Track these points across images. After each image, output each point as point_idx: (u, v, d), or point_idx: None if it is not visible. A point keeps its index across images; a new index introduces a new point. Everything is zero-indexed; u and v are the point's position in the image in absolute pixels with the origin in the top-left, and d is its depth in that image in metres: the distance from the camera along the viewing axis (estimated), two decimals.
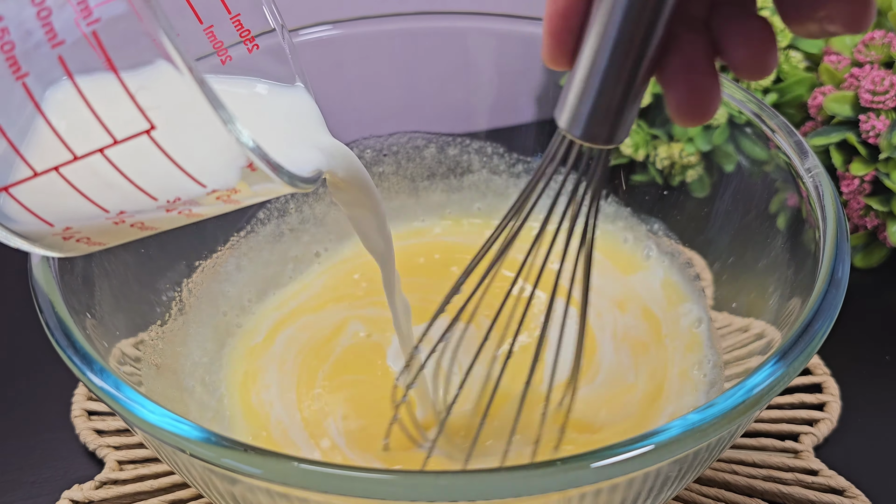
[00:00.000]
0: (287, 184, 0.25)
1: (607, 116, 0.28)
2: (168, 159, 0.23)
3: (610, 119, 0.28)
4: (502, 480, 0.26)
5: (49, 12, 0.21)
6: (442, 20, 0.49)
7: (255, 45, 0.33)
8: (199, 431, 0.27)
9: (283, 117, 0.33)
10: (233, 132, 0.22)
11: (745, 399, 0.28)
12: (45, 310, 0.32)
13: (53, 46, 0.21)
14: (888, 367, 0.48)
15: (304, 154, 0.31)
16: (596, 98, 0.28)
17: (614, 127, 0.29)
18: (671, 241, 0.48)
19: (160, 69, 0.21)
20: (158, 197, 0.25)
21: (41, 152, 0.23)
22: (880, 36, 0.50)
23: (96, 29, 0.21)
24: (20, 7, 0.21)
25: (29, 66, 0.22)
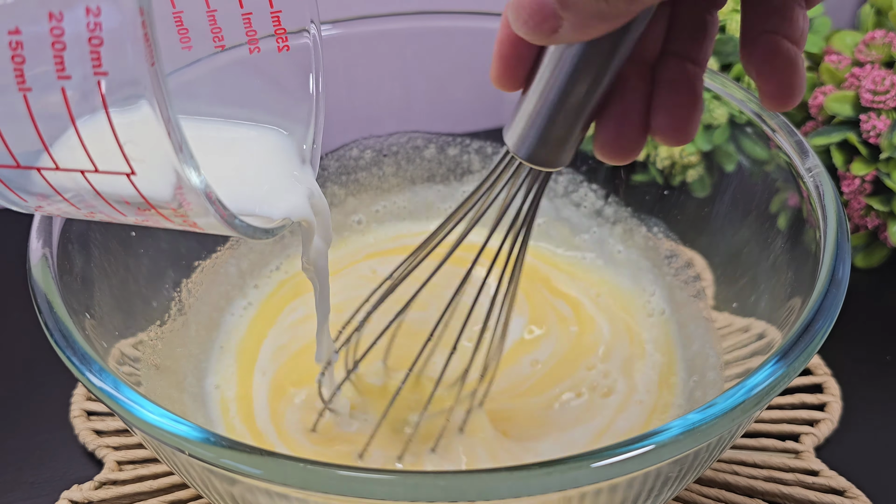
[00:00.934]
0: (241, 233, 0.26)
1: (553, 143, 0.30)
2: (139, 195, 0.24)
3: (555, 146, 0.30)
4: (502, 480, 0.26)
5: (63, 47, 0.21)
6: (442, 20, 0.49)
7: (285, 46, 0.33)
8: (198, 431, 0.27)
9: (272, 162, 0.33)
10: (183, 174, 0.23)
11: (746, 399, 0.28)
12: (44, 310, 0.32)
13: (59, 78, 0.22)
14: (889, 367, 0.48)
15: (279, 204, 0.32)
16: (544, 126, 0.29)
17: (558, 153, 0.30)
18: (671, 241, 0.48)
19: (143, 109, 0.21)
20: (127, 214, 0.25)
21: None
22: (881, 35, 0.50)
23: (100, 79, 0.21)
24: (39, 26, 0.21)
25: (34, 83, 0.22)
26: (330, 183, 0.52)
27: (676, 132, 0.28)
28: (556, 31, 0.24)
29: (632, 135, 0.29)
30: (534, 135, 0.30)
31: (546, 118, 0.29)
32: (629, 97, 0.28)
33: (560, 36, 0.24)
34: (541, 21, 0.24)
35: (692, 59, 0.28)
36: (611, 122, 0.29)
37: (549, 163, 0.30)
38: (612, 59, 0.27)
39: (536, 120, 0.29)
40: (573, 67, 0.27)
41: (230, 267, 0.48)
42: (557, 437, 0.40)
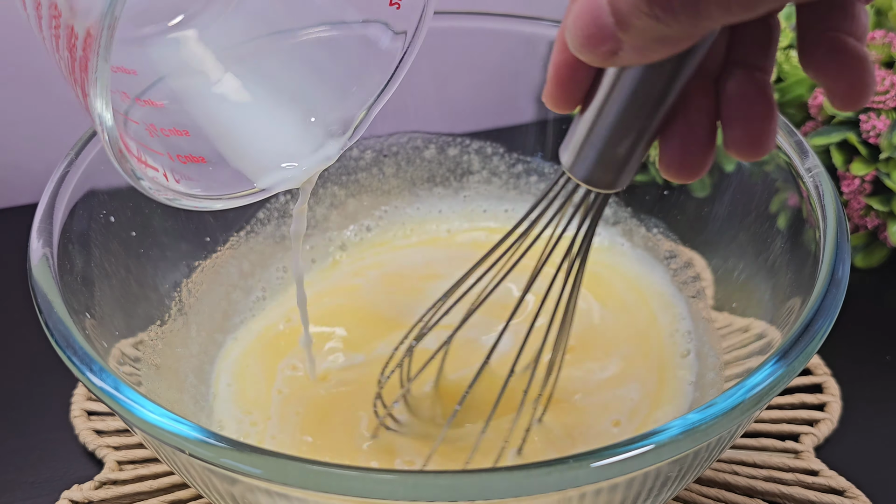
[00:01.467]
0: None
1: (611, 165, 0.29)
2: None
3: (614, 168, 0.29)
4: (502, 480, 0.26)
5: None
6: (442, 20, 0.49)
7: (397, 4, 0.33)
8: (198, 431, 0.27)
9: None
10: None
11: (745, 399, 0.28)
12: (45, 310, 0.32)
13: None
14: (888, 367, 0.48)
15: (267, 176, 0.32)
16: (602, 148, 0.28)
17: (617, 175, 0.29)
18: (671, 242, 0.48)
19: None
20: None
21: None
22: (880, 36, 0.50)
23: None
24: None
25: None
26: (330, 183, 0.52)
27: (754, 145, 0.27)
28: (615, 54, 0.23)
29: (698, 152, 0.27)
30: (592, 156, 0.28)
31: (605, 140, 0.28)
32: (693, 114, 0.27)
33: (619, 59, 0.23)
34: (600, 43, 0.23)
35: (759, 67, 0.27)
36: (675, 140, 0.27)
37: (608, 184, 0.29)
38: (676, 80, 0.26)
39: (595, 141, 0.28)
40: (633, 89, 0.26)
41: (230, 267, 0.48)
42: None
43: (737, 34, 0.27)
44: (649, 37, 0.22)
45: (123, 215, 0.41)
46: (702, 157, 0.27)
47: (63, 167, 0.37)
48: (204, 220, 0.47)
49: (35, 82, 0.58)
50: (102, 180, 0.39)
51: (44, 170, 0.40)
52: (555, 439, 0.39)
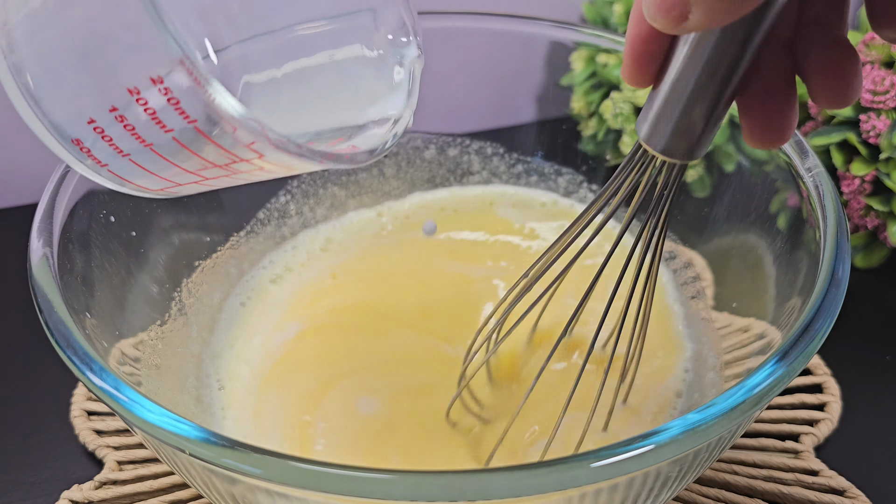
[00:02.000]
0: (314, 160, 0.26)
1: (687, 134, 0.29)
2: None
3: (690, 137, 0.29)
4: (502, 480, 0.26)
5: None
6: (442, 20, 0.49)
7: None
8: (199, 431, 0.27)
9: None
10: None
11: (745, 399, 0.28)
12: (45, 310, 0.32)
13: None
14: (888, 367, 0.48)
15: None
16: (678, 118, 0.29)
17: (694, 144, 0.29)
18: (671, 242, 0.48)
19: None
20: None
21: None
22: None
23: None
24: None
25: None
26: (330, 184, 0.52)
27: (841, 90, 0.27)
28: (686, 18, 0.24)
29: (779, 114, 0.28)
30: (668, 127, 0.29)
31: (681, 109, 0.28)
32: (770, 77, 0.28)
33: (691, 23, 0.24)
34: (671, 7, 0.24)
35: (835, 26, 0.27)
36: (755, 105, 0.28)
37: (686, 155, 0.30)
38: (748, 45, 0.26)
39: (670, 111, 0.29)
40: (706, 57, 0.27)
41: (230, 267, 0.48)
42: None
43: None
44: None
45: (123, 215, 0.41)
46: (783, 119, 0.28)
47: (63, 167, 0.37)
48: (204, 219, 0.47)
49: None
50: None
51: (44, 170, 0.40)
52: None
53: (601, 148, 0.52)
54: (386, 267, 0.49)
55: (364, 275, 0.49)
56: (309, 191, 0.51)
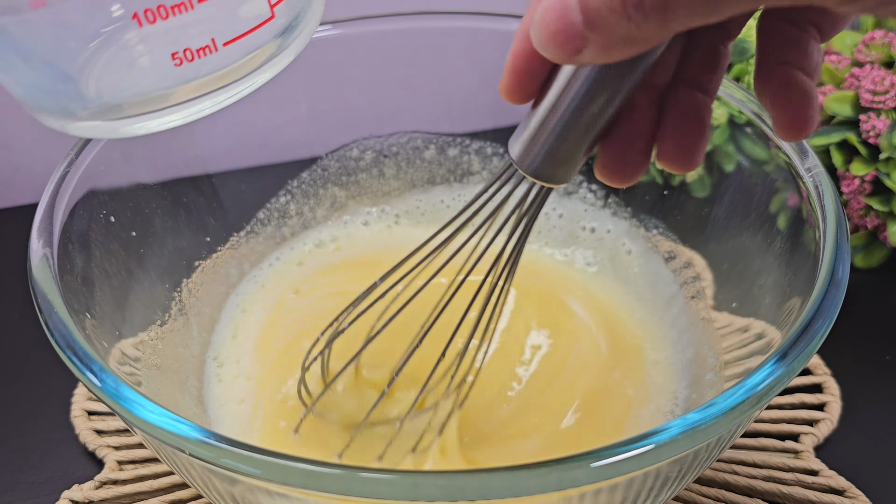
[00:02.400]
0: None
1: (559, 160, 0.30)
2: None
3: (560, 163, 0.30)
4: (502, 480, 0.26)
5: None
6: (442, 20, 0.49)
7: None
8: (198, 431, 0.27)
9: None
10: None
11: (745, 399, 0.28)
12: (45, 310, 0.32)
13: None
14: (888, 367, 0.48)
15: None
16: (551, 143, 0.29)
17: (563, 170, 0.30)
18: (671, 242, 0.48)
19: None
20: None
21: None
22: (881, 36, 0.50)
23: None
24: None
25: None
26: (330, 184, 0.52)
27: (682, 160, 0.28)
28: (579, 52, 0.24)
29: (635, 159, 0.29)
30: (539, 150, 0.29)
31: (555, 135, 0.29)
32: (636, 122, 0.29)
33: (583, 57, 0.24)
34: (565, 41, 0.24)
35: (702, 88, 0.29)
36: (615, 145, 0.29)
37: (553, 179, 0.30)
38: (628, 81, 0.27)
39: (544, 136, 0.29)
40: (588, 87, 0.27)
41: (231, 267, 0.48)
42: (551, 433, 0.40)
43: (688, 54, 0.29)
44: (617, 36, 0.23)
45: (123, 215, 0.41)
46: (637, 163, 0.29)
47: (63, 167, 0.37)
48: (204, 220, 0.47)
49: None
50: (102, 180, 0.39)
51: (44, 170, 0.40)
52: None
53: None
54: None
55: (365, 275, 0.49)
56: (309, 191, 0.51)
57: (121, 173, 0.41)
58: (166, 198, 0.44)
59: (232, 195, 0.48)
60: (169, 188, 0.45)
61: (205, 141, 0.46)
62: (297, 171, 0.51)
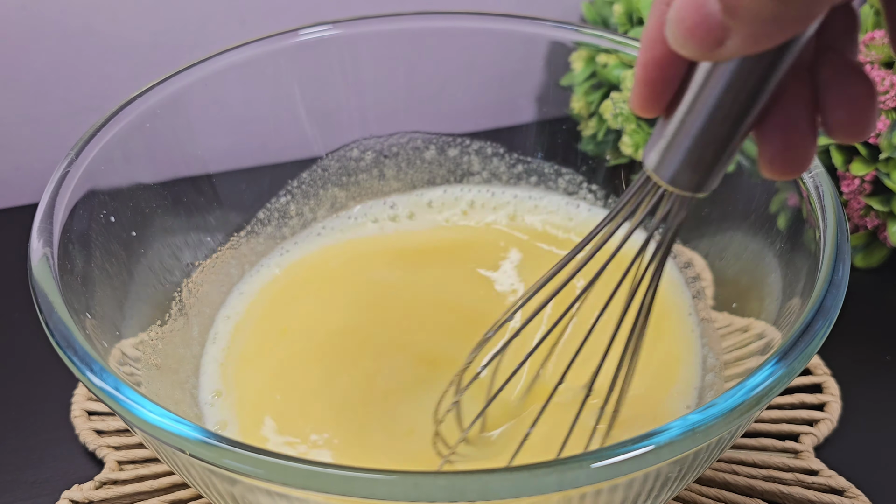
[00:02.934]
0: None
1: (700, 165, 0.27)
2: None
3: (702, 168, 0.27)
4: (502, 480, 0.26)
5: None
6: (442, 20, 0.49)
7: None
8: (198, 432, 0.27)
9: None
10: None
11: (746, 399, 0.28)
12: (45, 310, 0.32)
13: None
14: (888, 367, 0.48)
15: None
16: (691, 147, 0.27)
17: (706, 176, 0.27)
18: None
19: None
20: None
21: None
22: (880, 36, 0.50)
23: None
24: None
25: None
26: (331, 185, 0.52)
27: (858, 125, 0.26)
28: (722, 44, 0.22)
29: (801, 143, 0.26)
30: (679, 157, 0.27)
31: (695, 139, 0.26)
32: (792, 104, 0.26)
33: (726, 49, 0.22)
34: (705, 33, 0.22)
35: (848, 50, 0.26)
36: (776, 134, 0.26)
37: (696, 187, 0.27)
38: (775, 71, 0.24)
39: (683, 141, 0.26)
40: (729, 83, 0.24)
41: (231, 267, 0.48)
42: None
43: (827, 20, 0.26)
44: (762, 19, 0.21)
45: (123, 215, 0.41)
46: (806, 148, 0.26)
47: (63, 167, 0.37)
48: (204, 219, 0.47)
49: (35, 82, 0.58)
50: (103, 180, 0.39)
51: (44, 170, 0.40)
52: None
53: (601, 148, 0.52)
54: (389, 268, 0.49)
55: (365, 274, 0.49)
56: (309, 191, 0.51)
57: (121, 173, 0.41)
58: (166, 198, 0.44)
59: (232, 195, 0.48)
60: (169, 188, 0.45)
61: (205, 141, 0.46)
62: (297, 171, 0.51)
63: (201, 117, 0.45)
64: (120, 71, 0.58)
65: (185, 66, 0.44)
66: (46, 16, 0.55)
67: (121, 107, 0.41)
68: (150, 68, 0.58)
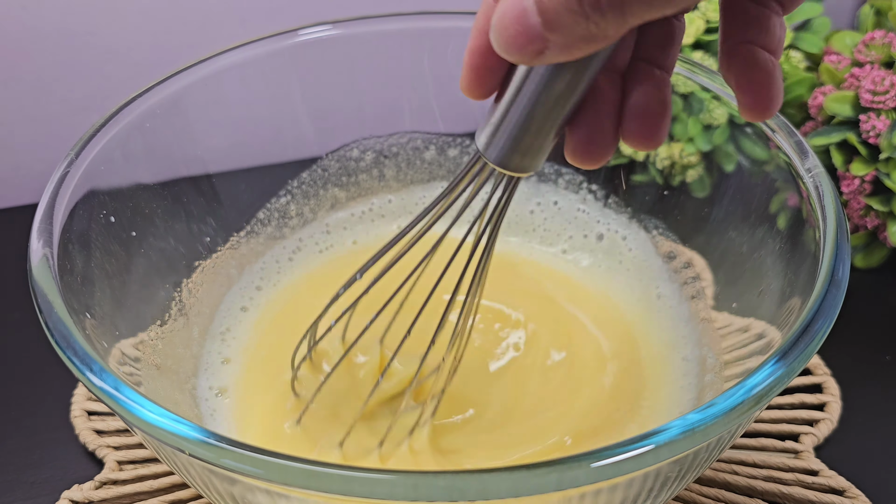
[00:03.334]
0: None
1: (524, 150, 0.30)
2: None
3: (526, 152, 0.30)
4: (502, 480, 0.26)
5: None
6: (442, 20, 0.49)
7: None
8: (198, 432, 0.27)
9: None
10: None
11: (745, 399, 0.28)
12: (45, 310, 0.32)
13: None
14: (888, 367, 0.48)
15: None
16: (515, 134, 0.29)
17: (529, 159, 0.30)
18: (671, 242, 0.48)
19: None
20: None
21: None
22: (881, 36, 0.50)
23: None
24: None
25: None
26: (331, 185, 0.52)
27: (647, 137, 0.29)
28: (541, 53, 0.24)
29: (603, 140, 0.29)
30: (505, 141, 0.30)
31: (518, 127, 0.29)
32: (600, 104, 0.29)
33: (544, 58, 0.24)
34: (525, 44, 0.24)
35: (660, 64, 0.29)
36: (582, 128, 0.29)
37: (520, 168, 0.30)
38: (587, 72, 0.27)
39: (508, 127, 0.29)
40: (548, 80, 0.27)
41: (231, 267, 0.48)
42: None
43: (644, 33, 0.29)
44: (576, 35, 0.23)
45: (123, 215, 0.41)
46: (605, 144, 0.29)
47: (63, 167, 0.37)
48: (204, 220, 0.47)
49: (35, 82, 0.58)
50: (102, 180, 0.39)
51: (44, 170, 0.40)
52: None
53: None
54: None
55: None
56: (309, 192, 0.51)
57: (121, 173, 0.41)
58: (166, 198, 0.44)
59: (232, 195, 0.48)
60: (169, 188, 0.45)
61: (205, 141, 0.46)
62: (297, 171, 0.51)
63: (201, 117, 0.45)
64: (120, 71, 0.58)
65: (184, 66, 0.44)
66: (46, 16, 0.55)
67: (121, 107, 0.41)
68: (150, 68, 0.58)
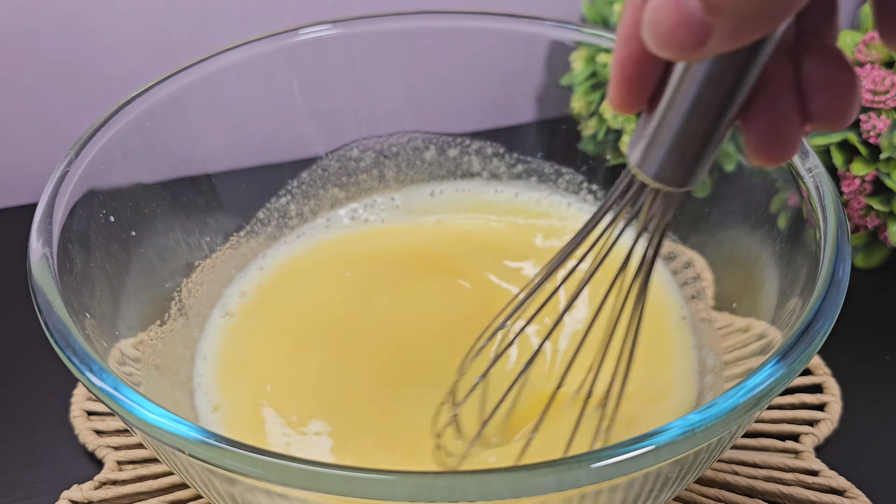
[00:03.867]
0: None
1: (684, 159, 0.26)
2: None
3: (687, 162, 0.27)
4: (502, 480, 0.26)
5: None
6: (442, 20, 0.49)
7: None
8: (198, 432, 0.27)
9: None
10: None
11: (746, 399, 0.28)
12: (45, 310, 0.32)
13: None
14: (889, 367, 0.48)
15: None
16: (674, 141, 0.26)
17: (691, 170, 0.27)
18: (671, 242, 0.48)
19: None
20: None
21: None
22: None
23: None
24: None
25: None
26: (331, 185, 0.52)
27: (840, 111, 0.25)
28: (703, 44, 0.21)
29: (788, 127, 0.25)
30: (663, 153, 0.26)
31: (678, 132, 0.26)
32: (774, 89, 0.25)
33: (708, 48, 0.21)
34: (686, 34, 0.21)
35: (827, 33, 0.25)
36: (759, 120, 0.25)
37: (682, 182, 0.27)
38: (758, 59, 0.23)
39: (666, 137, 0.26)
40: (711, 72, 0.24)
41: (231, 268, 0.48)
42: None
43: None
44: (746, 14, 0.20)
45: (123, 215, 0.41)
46: (791, 132, 0.25)
47: (63, 167, 0.37)
48: (204, 220, 0.47)
49: (35, 82, 0.58)
50: (102, 180, 0.39)
51: (44, 170, 0.40)
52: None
53: (601, 148, 0.52)
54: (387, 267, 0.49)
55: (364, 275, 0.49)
56: (309, 192, 0.51)
57: (121, 173, 0.41)
58: (166, 198, 0.44)
59: (232, 195, 0.48)
60: (169, 188, 0.45)
61: (205, 141, 0.46)
62: (297, 171, 0.51)
63: (201, 117, 0.45)
64: (120, 71, 0.58)
65: (184, 66, 0.44)
66: (46, 15, 0.55)
67: (120, 106, 0.41)
68: (149, 68, 0.58)
